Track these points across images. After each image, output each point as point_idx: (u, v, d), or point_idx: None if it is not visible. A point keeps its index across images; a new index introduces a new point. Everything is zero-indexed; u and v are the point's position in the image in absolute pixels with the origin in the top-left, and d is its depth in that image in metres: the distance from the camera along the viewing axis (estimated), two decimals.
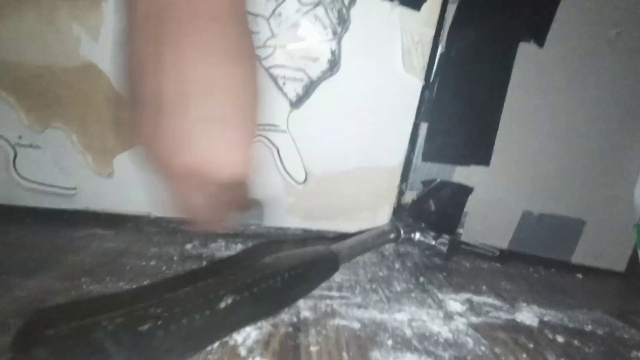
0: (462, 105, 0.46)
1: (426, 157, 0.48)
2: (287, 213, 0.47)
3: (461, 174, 0.49)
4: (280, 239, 0.47)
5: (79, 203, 0.45)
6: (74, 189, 0.45)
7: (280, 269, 0.28)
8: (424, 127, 0.47)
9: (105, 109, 0.41)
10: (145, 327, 0.19)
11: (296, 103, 0.43)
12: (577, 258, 0.50)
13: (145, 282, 0.32)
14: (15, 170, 0.44)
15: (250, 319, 0.26)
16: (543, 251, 0.51)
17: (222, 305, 0.23)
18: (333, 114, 0.44)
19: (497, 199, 0.49)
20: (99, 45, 0.39)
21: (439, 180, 0.49)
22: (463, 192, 0.49)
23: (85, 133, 0.42)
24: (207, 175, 0.29)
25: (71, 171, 0.44)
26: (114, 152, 0.43)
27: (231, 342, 0.25)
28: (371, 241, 0.42)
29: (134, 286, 0.31)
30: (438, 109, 0.46)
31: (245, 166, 0.31)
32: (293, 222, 0.47)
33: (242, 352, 0.25)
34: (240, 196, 0.34)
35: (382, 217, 0.50)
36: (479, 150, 0.48)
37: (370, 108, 0.45)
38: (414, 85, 0.44)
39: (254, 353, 0.25)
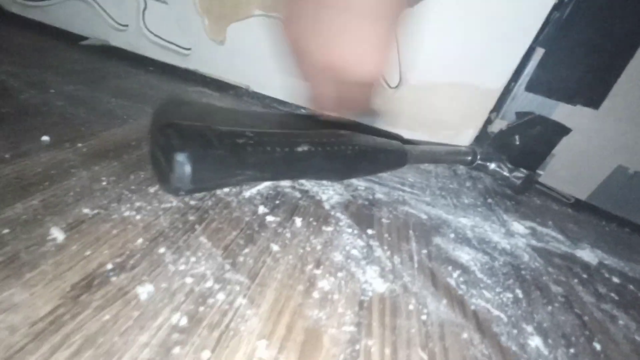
0: (592, 36, 0.42)
1: (531, 86, 0.45)
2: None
3: (562, 113, 0.46)
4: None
5: (190, 63, 0.50)
6: (189, 49, 0.49)
7: (353, 142, 0.31)
8: (539, 53, 0.44)
9: None
10: (241, 140, 0.24)
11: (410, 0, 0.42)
12: None
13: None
14: (144, 21, 0.49)
15: (320, 171, 0.30)
16: (623, 211, 0.49)
17: (299, 149, 0.27)
18: (444, 19, 0.42)
19: (592, 146, 0.47)
20: None
21: (535, 114, 0.47)
22: (558, 132, 0.47)
23: None
24: (344, 72, 0.29)
25: (189, 32, 0.48)
26: (230, 19, 0.46)
27: (317, 197, 0.30)
28: (444, 154, 0.43)
29: None
30: (563, 35, 0.42)
31: (380, 67, 0.31)
32: (375, 123, 0.49)
33: (327, 206, 0.29)
34: (365, 97, 0.35)
35: (464, 138, 0.50)
36: (592, 90, 0.44)
37: (486, 19, 0.42)
38: (544, 1, 0.40)
39: (336, 209, 0.29)
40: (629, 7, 0.40)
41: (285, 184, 0.31)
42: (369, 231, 0.27)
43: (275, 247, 0.23)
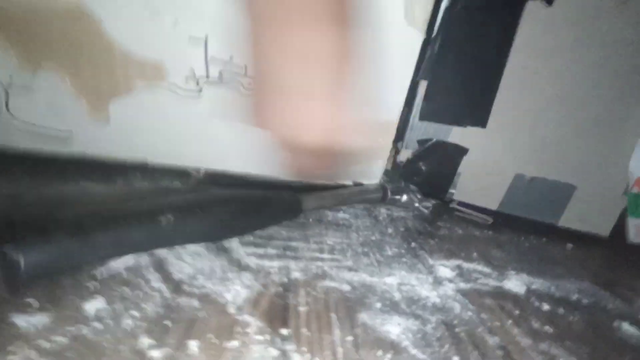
0: (463, 63, 0.45)
1: (423, 116, 0.47)
2: (279, 165, 0.46)
3: (457, 135, 0.48)
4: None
5: (75, 146, 0.44)
6: (70, 131, 0.43)
7: (229, 199, 0.30)
8: (423, 85, 0.45)
9: (97, 53, 0.39)
10: (87, 220, 0.22)
11: None
12: (564, 222, 0.51)
13: None
14: (9, 111, 0.43)
15: (189, 238, 0.28)
16: (531, 214, 0.51)
17: (162, 219, 0.25)
18: None
19: (490, 161, 0.49)
20: None
21: (434, 139, 0.48)
22: (458, 152, 0.49)
23: (78, 75, 0.41)
24: (303, 145, 0.30)
25: (66, 114, 0.43)
26: (110, 96, 0.42)
27: (220, 301, 0.25)
28: (349, 195, 0.43)
29: None
30: (439, 66, 0.44)
31: (341, 133, 0.32)
32: (285, 174, 0.47)
33: (232, 309, 0.24)
34: (330, 162, 0.35)
35: (375, 172, 0.49)
36: (476, 111, 0.47)
37: (368, 60, 0.43)
38: (415, 39, 0.41)
39: (244, 311, 0.25)
40: (489, 35, 0.44)
41: (182, 288, 0.26)
42: (284, 331, 0.23)
43: None
